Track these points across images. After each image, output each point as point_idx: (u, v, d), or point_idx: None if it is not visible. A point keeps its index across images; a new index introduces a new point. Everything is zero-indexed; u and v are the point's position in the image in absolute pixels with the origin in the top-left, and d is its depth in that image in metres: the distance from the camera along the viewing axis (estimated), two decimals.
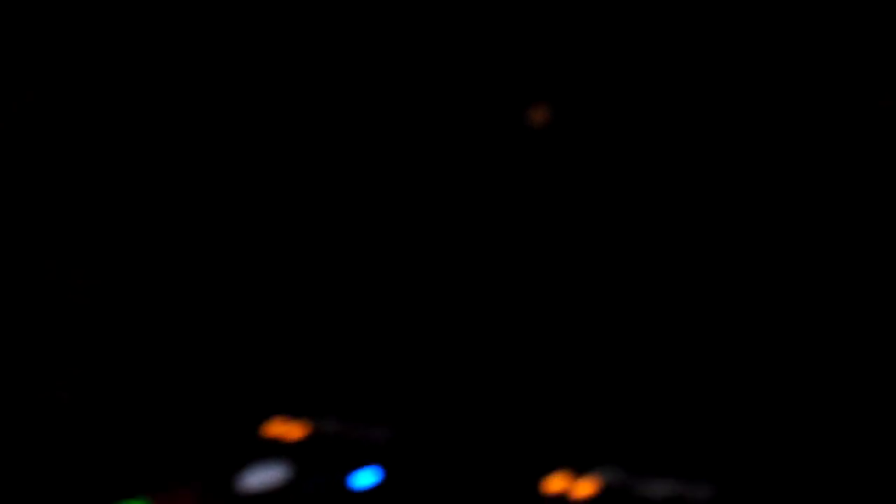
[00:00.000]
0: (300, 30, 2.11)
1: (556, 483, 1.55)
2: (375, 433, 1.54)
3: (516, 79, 1.85)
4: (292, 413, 1.67)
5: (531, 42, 1.78)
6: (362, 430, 1.55)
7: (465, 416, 1.69)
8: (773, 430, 1.63)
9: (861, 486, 1.41)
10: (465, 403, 1.73)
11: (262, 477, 1.61)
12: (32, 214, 1.90)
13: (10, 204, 1.87)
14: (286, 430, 1.61)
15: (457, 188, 1.89)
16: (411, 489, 1.53)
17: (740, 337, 1.69)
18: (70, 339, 1.84)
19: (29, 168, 1.80)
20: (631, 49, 1.74)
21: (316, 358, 1.82)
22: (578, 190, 1.77)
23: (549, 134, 1.87)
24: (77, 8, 1.79)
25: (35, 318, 1.88)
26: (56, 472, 1.63)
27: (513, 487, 1.50)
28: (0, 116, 1.79)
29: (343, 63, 1.92)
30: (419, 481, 1.55)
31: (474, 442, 1.62)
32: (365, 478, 1.56)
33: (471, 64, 1.81)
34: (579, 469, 1.52)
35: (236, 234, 1.97)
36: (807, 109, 1.69)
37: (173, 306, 1.97)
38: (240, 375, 1.88)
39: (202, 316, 2.00)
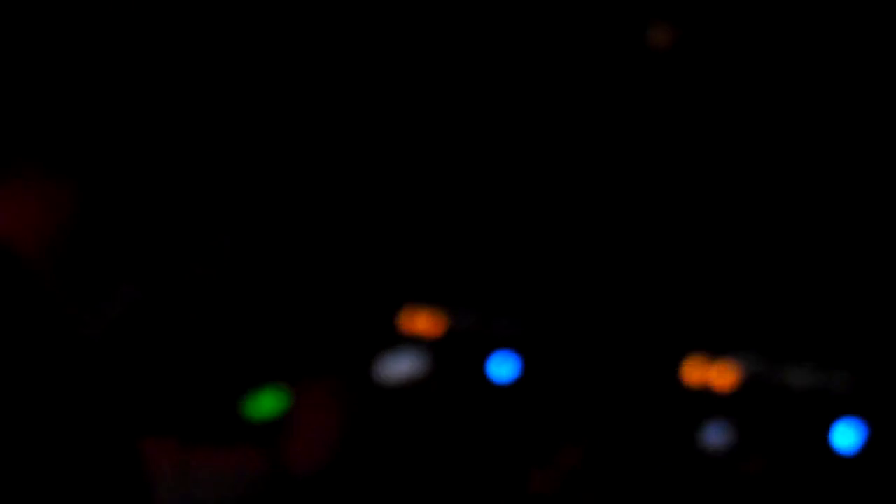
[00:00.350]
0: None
1: (695, 372, 1.93)
2: (511, 326, 2.04)
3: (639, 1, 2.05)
4: (431, 307, 2.12)
5: None
6: (499, 323, 2.04)
7: (603, 309, 2.07)
8: None
9: None
10: (603, 296, 2.10)
11: (401, 368, 2.08)
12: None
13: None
14: (424, 323, 2.07)
15: (583, 106, 2.21)
16: (547, 381, 1.99)
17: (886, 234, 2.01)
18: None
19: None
20: None
21: (454, 253, 2.23)
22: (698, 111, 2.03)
23: (672, 55, 2.08)
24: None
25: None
26: (201, 359, 1.78)
27: (653, 377, 1.88)
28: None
29: None
30: (555, 373, 2.01)
31: (613, 334, 2.02)
32: (503, 370, 2.04)
33: None
34: (718, 357, 1.89)
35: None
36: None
37: (325, 205, 2.30)
38: (380, 270, 2.28)
39: (350, 214, 2.34)
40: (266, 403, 2.26)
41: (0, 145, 1.56)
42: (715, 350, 1.91)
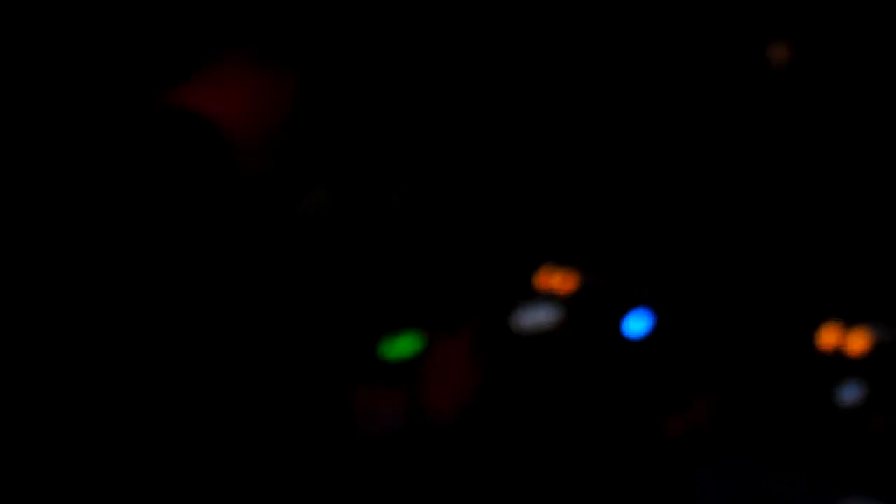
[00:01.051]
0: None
1: (829, 336, 1.93)
2: (644, 285, 2.11)
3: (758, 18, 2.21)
4: (564, 264, 2.20)
5: None
6: (631, 281, 2.12)
7: (735, 271, 2.10)
8: None
9: None
10: (736, 257, 2.13)
11: (536, 320, 2.16)
12: None
13: None
14: (559, 279, 2.16)
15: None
16: (678, 337, 2.03)
17: None
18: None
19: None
20: None
21: (587, 214, 2.31)
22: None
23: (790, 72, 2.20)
24: None
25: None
26: (340, 302, 1.96)
27: (787, 342, 1.89)
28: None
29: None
30: (686, 330, 2.05)
31: (745, 297, 2.04)
32: (636, 325, 2.09)
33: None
34: (851, 323, 1.89)
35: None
36: None
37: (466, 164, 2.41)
38: (516, 228, 2.37)
39: (488, 173, 2.44)
40: (403, 346, 2.37)
41: (215, 31, 1.67)
42: (850, 319, 1.96)
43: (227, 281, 1.54)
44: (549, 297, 2.20)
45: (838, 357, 1.84)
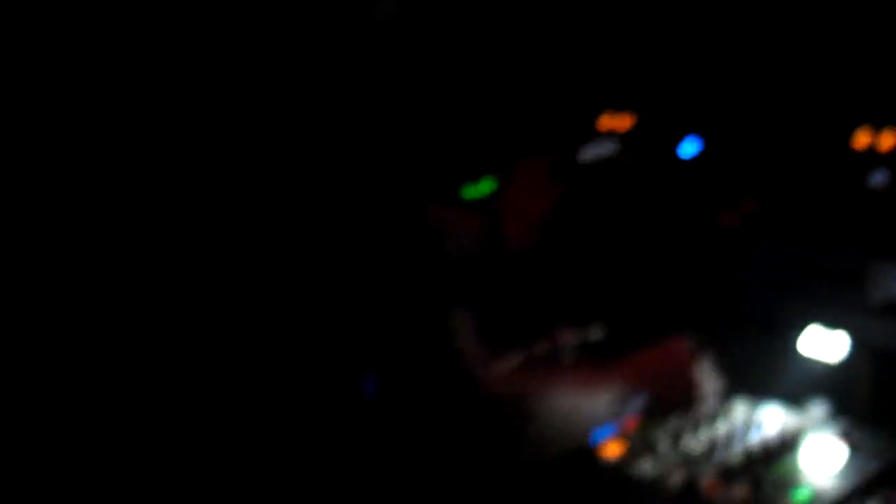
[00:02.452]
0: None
1: (862, 138, 2.15)
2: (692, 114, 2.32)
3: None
4: (621, 108, 2.44)
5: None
6: (680, 114, 2.33)
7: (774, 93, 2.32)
8: None
9: None
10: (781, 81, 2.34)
11: (599, 151, 2.40)
12: None
13: None
14: (617, 121, 2.41)
15: None
16: (727, 157, 2.25)
17: None
18: None
19: None
20: None
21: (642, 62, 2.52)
22: None
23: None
24: None
25: None
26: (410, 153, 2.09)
27: (824, 144, 2.12)
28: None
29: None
30: (733, 146, 2.25)
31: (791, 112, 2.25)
32: (689, 147, 2.32)
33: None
34: (881, 125, 2.10)
35: None
36: None
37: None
38: (578, 75, 2.60)
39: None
40: (483, 186, 2.59)
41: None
42: (880, 122, 2.16)
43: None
44: (610, 135, 2.46)
45: (870, 153, 2.08)
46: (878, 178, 2.04)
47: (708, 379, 1.95)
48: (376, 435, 1.66)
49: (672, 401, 1.92)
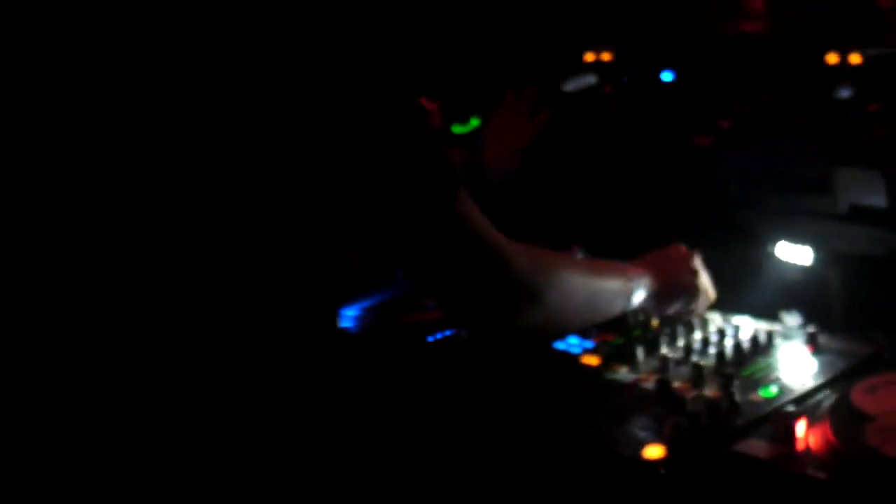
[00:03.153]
0: None
1: (832, 57, 2.26)
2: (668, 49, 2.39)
3: None
4: (603, 43, 2.52)
5: None
6: (657, 48, 2.39)
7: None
8: None
9: None
10: None
11: (582, 82, 2.48)
12: None
13: None
14: (599, 54, 2.47)
15: None
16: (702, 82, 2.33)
17: None
18: None
19: None
20: None
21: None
22: None
23: None
24: None
25: None
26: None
27: (794, 62, 2.22)
28: None
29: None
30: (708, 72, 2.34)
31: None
32: (666, 75, 2.41)
33: None
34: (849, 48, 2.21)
35: None
36: None
37: None
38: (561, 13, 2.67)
39: None
40: (471, 123, 2.67)
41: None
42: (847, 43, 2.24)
43: None
44: (592, 66, 2.53)
45: (839, 69, 2.15)
46: (845, 93, 2.11)
47: (706, 272, 2.04)
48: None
49: (678, 288, 2.00)
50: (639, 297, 2.00)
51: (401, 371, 2.01)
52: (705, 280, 2.08)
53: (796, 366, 1.96)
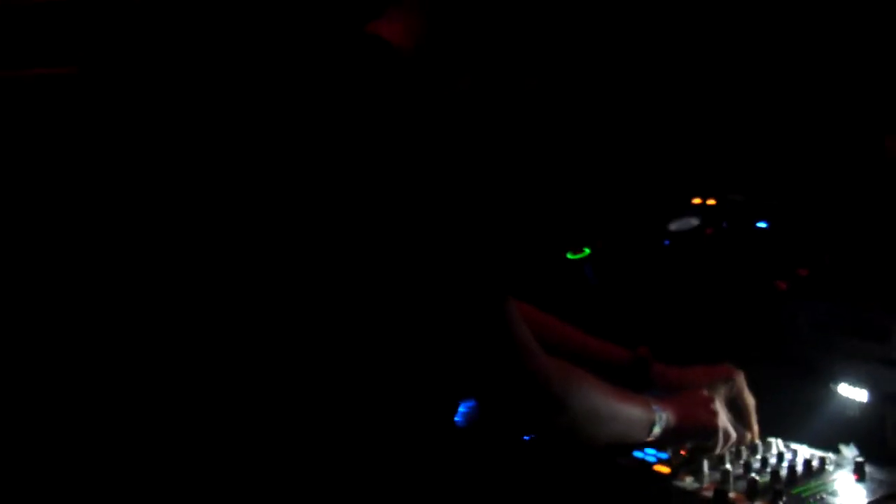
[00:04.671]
0: None
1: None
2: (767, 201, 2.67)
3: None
4: (708, 191, 2.79)
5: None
6: (757, 199, 2.68)
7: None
8: None
9: None
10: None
11: (686, 223, 2.75)
12: None
13: None
14: (705, 199, 2.74)
15: None
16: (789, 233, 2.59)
17: None
18: None
19: None
20: None
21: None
22: None
23: None
24: None
25: None
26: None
27: (875, 223, 2.48)
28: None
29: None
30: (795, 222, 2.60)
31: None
32: (760, 223, 2.66)
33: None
34: None
35: None
36: None
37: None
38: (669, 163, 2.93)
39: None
40: (584, 252, 2.96)
41: None
42: None
43: None
44: (698, 209, 2.82)
45: None
46: None
47: (725, 421, 2.27)
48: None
49: (696, 427, 2.24)
50: (658, 428, 2.18)
51: (497, 466, 2.27)
52: (724, 421, 2.29)
53: (842, 490, 2.20)
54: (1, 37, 2.41)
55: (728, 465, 2.29)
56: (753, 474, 2.25)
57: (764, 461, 2.33)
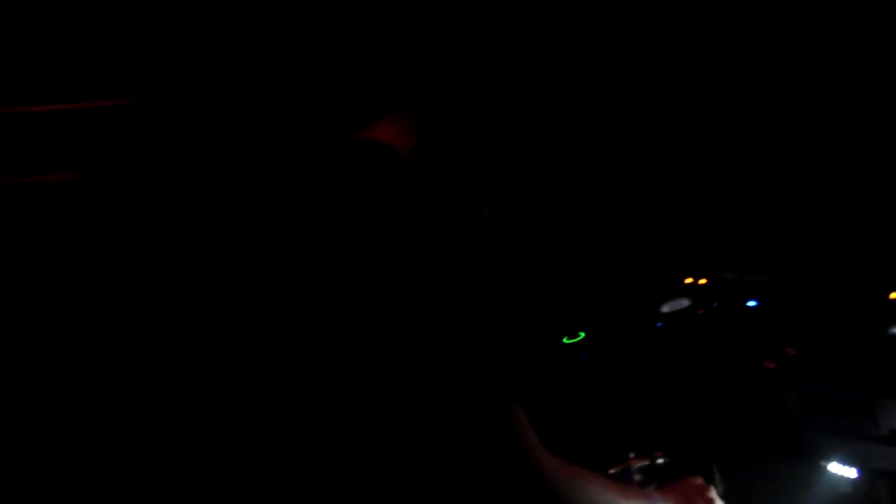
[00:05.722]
0: None
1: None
2: (756, 279, 2.70)
3: None
4: (700, 271, 2.82)
5: None
6: (747, 277, 2.70)
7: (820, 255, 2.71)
8: None
9: None
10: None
11: (678, 304, 2.77)
12: None
13: None
14: (695, 279, 2.77)
15: None
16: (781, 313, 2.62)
17: None
18: None
19: None
20: None
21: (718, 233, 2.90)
22: None
23: None
24: None
25: None
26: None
27: (860, 304, 2.55)
28: None
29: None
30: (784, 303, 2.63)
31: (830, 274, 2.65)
32: (750, 303, 2.70)
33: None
34: None
35: None
36: None
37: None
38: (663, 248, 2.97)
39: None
40: (578, 336, 3.00)
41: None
42: None
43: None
44: (689, 290, 2.85)
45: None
46: None
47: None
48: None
49: None
50: None
51: None
52: None
53: None
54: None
55: None
56: None
57: None
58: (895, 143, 2.77)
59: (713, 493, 2.33)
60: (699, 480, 2.34)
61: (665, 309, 2.83)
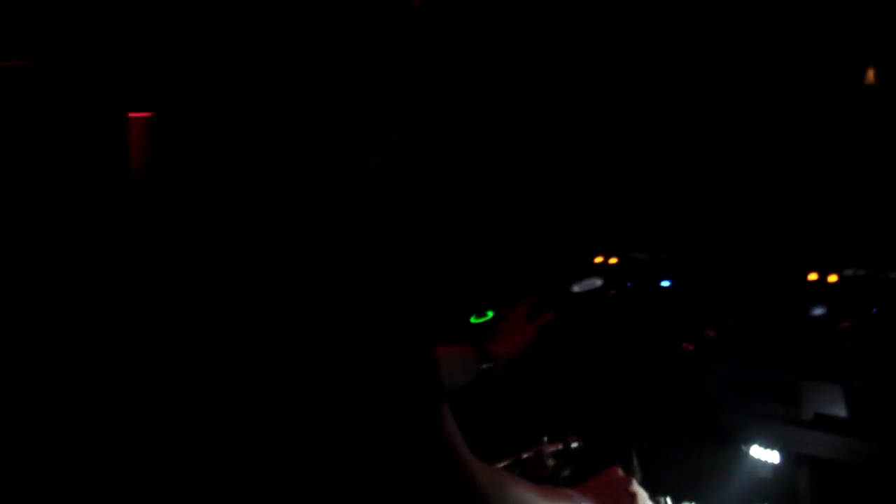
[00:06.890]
0: None
1: (811, 275, 2.55)
2: (670, 259, 2.63)
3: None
4: (610, 250, 2.74)
5: None
6: (661, 257, 2.63)
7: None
8: None
9: None
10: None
11: (588, 284, 2.70)
12: None
13: None
14: (605, 258, 2.69)
15: None
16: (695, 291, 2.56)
17: None
18: None
19: None
20: None
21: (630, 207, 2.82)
22: None
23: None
24: None
25: None
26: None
27: (779, 284, 2.50)
28: None
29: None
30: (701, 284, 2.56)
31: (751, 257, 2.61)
32: (664, 282, 2.62)
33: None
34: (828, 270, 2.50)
35: None
36: None
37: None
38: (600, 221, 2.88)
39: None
40: (487, 316, 2.92)
41: None
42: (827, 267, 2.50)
43: None
44: (599, 269, 2.77)
45: (817, 288, 2.39)
46: (818, 311, 2.34)
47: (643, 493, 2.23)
48: None
49: None
50: None
51: None
52: (642, 501, 2.26)
53: None
54: None
55: None
56: None
57: None
58: (813, 122, 2.72)
59: (635, 486, 2.25)
60: (619, 472, 2.27)
61: (576, 289, 2.75)
